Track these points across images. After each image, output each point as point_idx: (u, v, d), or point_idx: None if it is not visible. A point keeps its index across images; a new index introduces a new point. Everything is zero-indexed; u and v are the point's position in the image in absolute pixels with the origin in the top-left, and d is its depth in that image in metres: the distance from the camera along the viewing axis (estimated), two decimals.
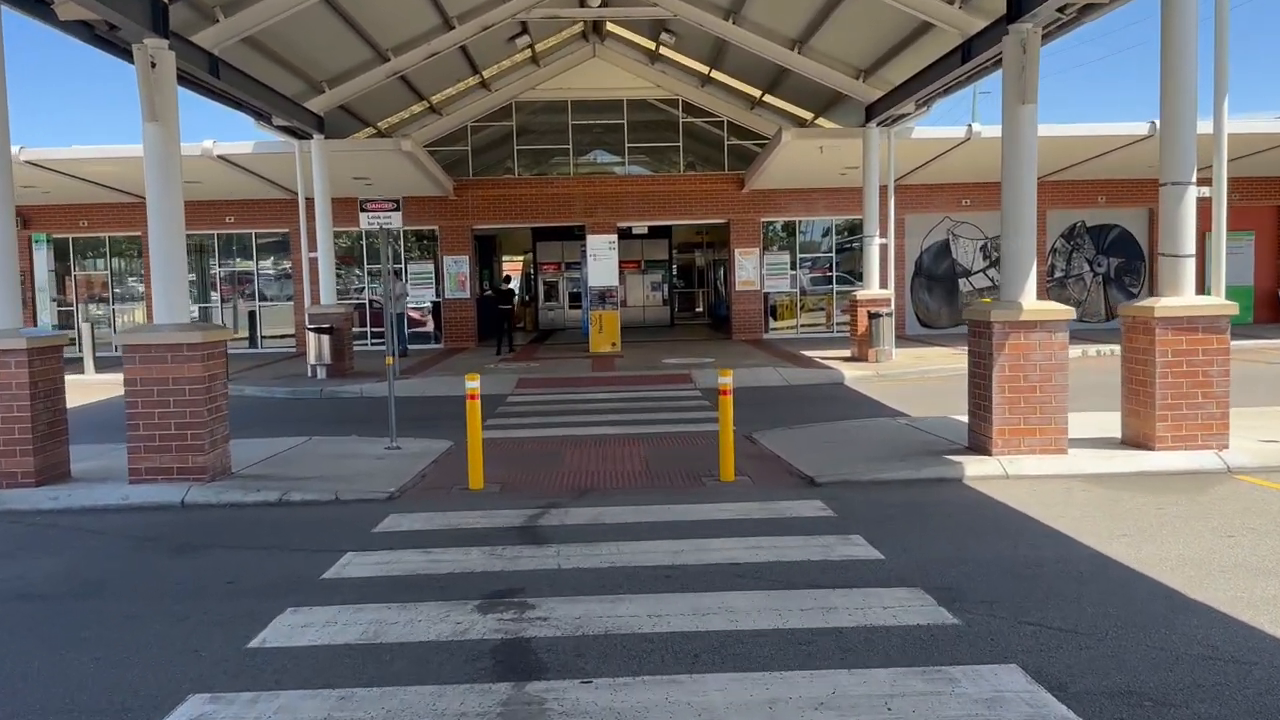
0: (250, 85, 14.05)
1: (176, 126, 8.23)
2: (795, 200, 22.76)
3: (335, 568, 5.69)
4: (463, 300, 22.68)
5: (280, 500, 7.61)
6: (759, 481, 7.95)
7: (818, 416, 11.58)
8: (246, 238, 22.78)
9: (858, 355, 17.28)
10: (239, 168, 18.56)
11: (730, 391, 7.97)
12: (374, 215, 9.85)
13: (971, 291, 23.24)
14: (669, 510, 6.93)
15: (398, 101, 20.35)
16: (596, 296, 20.32)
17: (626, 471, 8.54)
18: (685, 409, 12.68)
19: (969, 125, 18.12)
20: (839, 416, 11.52)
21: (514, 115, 22.94)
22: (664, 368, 17.00)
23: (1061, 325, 8.13)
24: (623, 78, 22.72)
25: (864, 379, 15.32)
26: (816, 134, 18.36)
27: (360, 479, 8.23)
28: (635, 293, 29.46)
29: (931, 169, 20.74)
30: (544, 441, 10.29)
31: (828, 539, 6.01)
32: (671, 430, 10.88)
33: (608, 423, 11.60)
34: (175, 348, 7.87)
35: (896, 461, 8.24)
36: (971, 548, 5.76)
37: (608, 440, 10.23)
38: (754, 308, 23.01)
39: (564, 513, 6.95)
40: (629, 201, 22.74)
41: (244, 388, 15.84)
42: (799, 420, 11.26)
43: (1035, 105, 8.29)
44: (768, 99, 21.65)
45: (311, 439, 10.49)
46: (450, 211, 22.54)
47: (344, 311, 17.14)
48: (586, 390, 14.86)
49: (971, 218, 23.06)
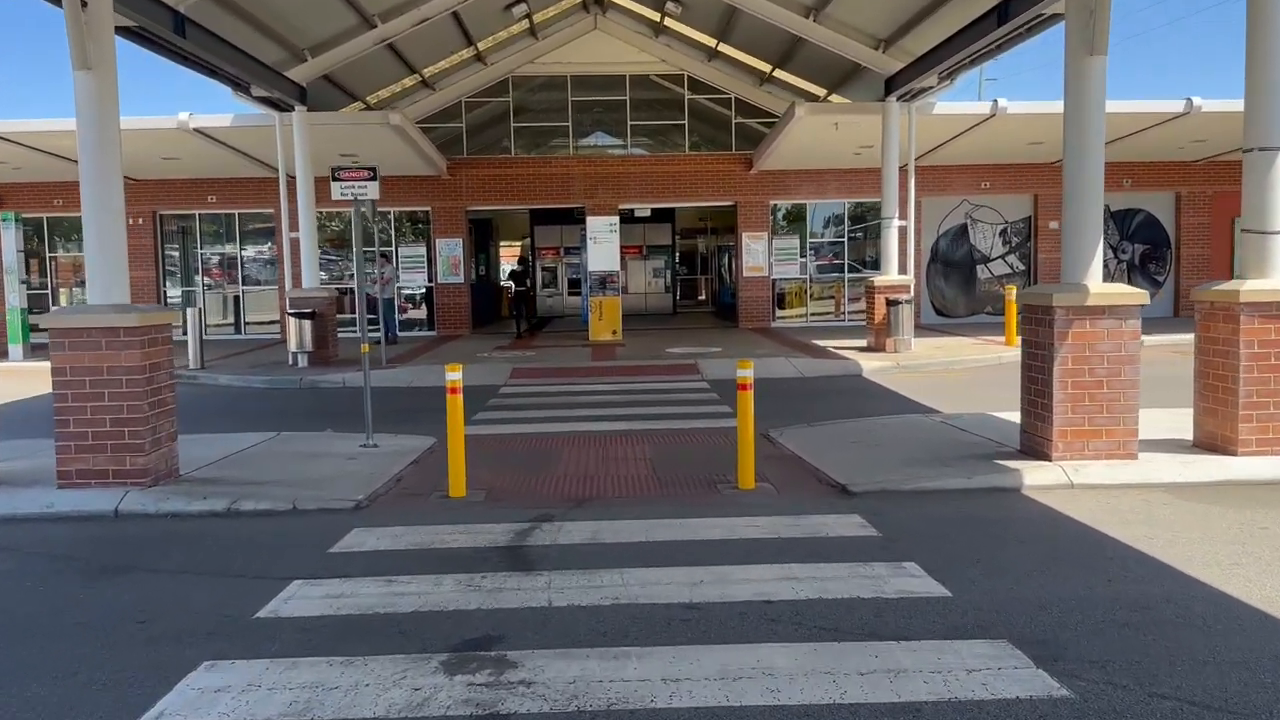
0: (224, 49, 12.94)
1: (113, 78, 7.15)
2: (806, 182, 21.65)
3: (275, 602, 4.64)
4: (456, 285, 21.58)
5: (229, 510, 6.55)
6: (784, 489, 6.90)
7: (838, 412, 10.53)
8: (229, 218, 21.67)
9: (875, 345, 16.21)
10: (217, 142, 17.44)
11: (750, 386, 6.90)
12: (347, 185, 8.78)
13: (990, 279, 22.15)
14: (682, 526, 5.88)
15: (387, 74, 19.22)
16: (597, 282, 19.25)
17: (630, 475, 7.49)
18: (692, 402, 11.63)
19: (994, 101, 17.00)
20: (862, 412, 10.47)
21: (511, 91, 21.79)
22: (668, 357, 15.94)
23: (1133, 311, 7.06)
24: (625, 51, 21.57)
25: (883, 370, 14.26)
26: (831, 109, 17.24)
27: (326, 484, 7.18)
28: (637, 279, 28.37)
29: (948, 149, 19.63)
30: (538, 439, 9.23)
31: (876, 567, 4.96)
32: (679, 426, 9.83)
33: (608, 417, 10.55)
34: (110, 332, 6.80)
35: (940, 467, 7.19)
36: (1055, 581, 4.71)
37: (608, 438, 9.17)
38: (762, 295, 21.92)
39: (558, 528, 5.90)
40: (631, 182, 21.62)
41: (219, 376, 14.78)
42: (818, 415, 10.20)
43: (1105, 57, 7.19)
44: (778, 74, 20.51)
45: (280, 435, 9.44)
46: (443, 192, 21.43)
47: (327, 296, 16.07)
48: (585, 381, 13.80)
49: (991, 201, 21.95)
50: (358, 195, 8.87)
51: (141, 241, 21.27)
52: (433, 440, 9.13)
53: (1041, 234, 21.90)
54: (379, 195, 8.90)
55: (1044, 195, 21.83)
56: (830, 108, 17.38)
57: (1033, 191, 21.89)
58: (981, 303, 22.17)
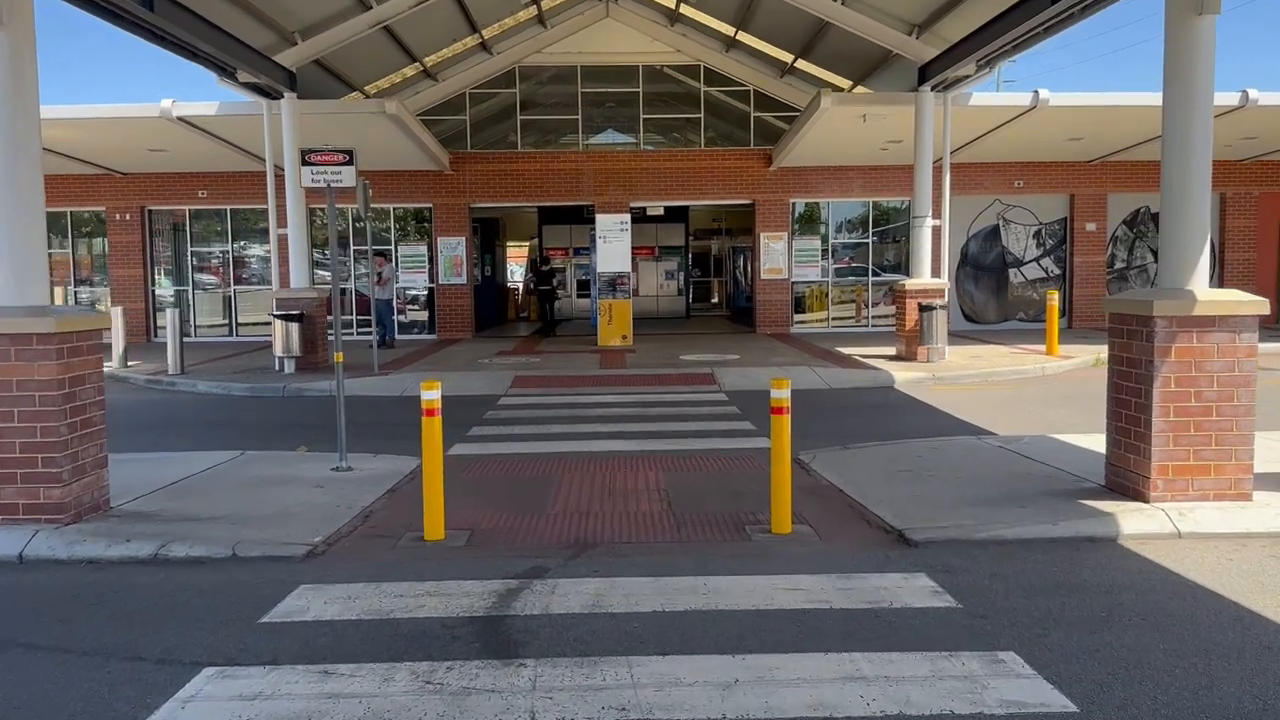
0: (201, 28, 11.86)
1: (31, 36, 6.01)
2: (828, 179, 20.44)
3: (168, 709, 3.49)
4: (459, 286, 20.45)
5: (155, 556, 5.41)
6: (826, 534, 5.72)
7: (874, 430, 9.35)
8: (222, 214, 20.60)
9: (905, 354, 15.01)
10: (204, 132, 16.36)
11: (786, 409, 5.72)
12: (319, 170, 7.65)
13: (1023, 283, 20.91)
14: (706, 588, 4.71)
15: (387, 63, 18.13)
16: (606, 284, 18.09)
17: (641, 512, 6.32)
18: (710, 417, 10.47)
19: (1035, 92, 15.78)
20: (900, 430, 9.29)
21: (517, 82, 20.66)
22: (682, 365, 14.77)
23: (1250, 323, 5.85)
24: (638, 41, 20.41)
25: (917, 382, 13.06)
26: (859, 100, 16.04)
27: (280, 521, 6.04)
28: (648, 281, 27.20)
29: (979, 146, 18.40)
30: (535, 461, 8.07)
31: (966, 661, 3.78)
32: (696, 447, 8.66)
33: (616, 434, 9.39)
34: (20, 339, 5.67)
35: (1014, 507, 6.00)
36: (1222, 690, 3.52)
37: (616, 460, 8.01)
38: (781, 298, 20.72)
39: (551, 588, 4.74)
40: (643, 179, 20.46)
41: (198, 383, 13.67)
42: (851, 434, 9.03)
43: (1216, 17, 5.99)
44: (800, 65, 19.33)
45: (244, 454, 8.30)
46: (446, 188, 20.32)
47: (317, 296, 14.96)
48: (592, 391, 12.65)
49: (1024, 200, 20.70)
50: (331, 182, 7.73)
51: (129, 238, 20.25)
52: (416, 462, 7.98)
53: (1078, 236, 20.64)
54: (355, 182, 7.78)
55: (1081, 195, 20.58)
56: (858, 98, 16.18)
57: (1069, 191, 20.64)
58: (1014, 308, 20.92)
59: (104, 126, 16.06)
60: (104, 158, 18.75)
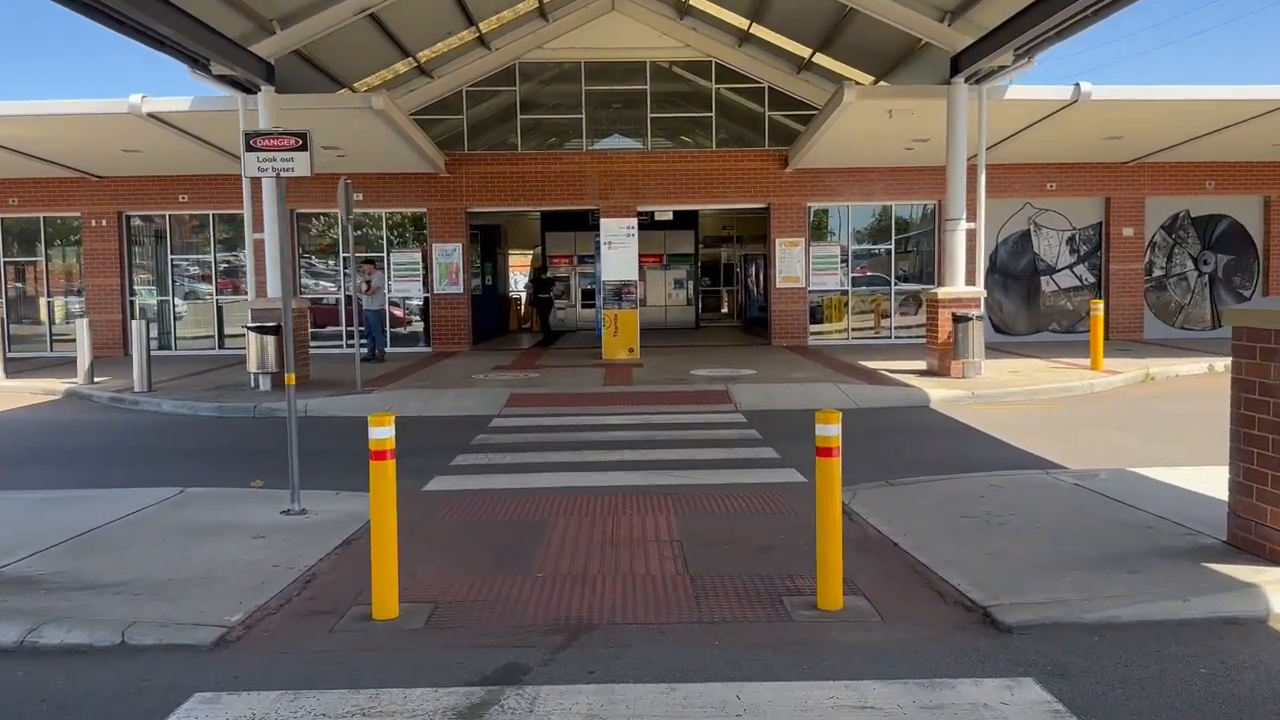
0: (168, 13, 10.75)
1: None
2: (848, 182, 19.21)
3: None
4: (454, 295, 19.25)
5: (21, 644, 4.18)
6: (889, 611, 4.46)
7: (917, 460, 8.11)
8: (204, 219, 19.45)
9: (938, 368, 13.74)
10: (177, 130, 15.20)
11: (836, 450, 4.48)
12: (266, 155, 6.45)
13: (1056, 291, 19.62)
14: (741, 703, 3.46)
15: (377, 57, 16.99)
16: (611, 293, 16.88)
17: (651, 575, 5.08)
18: (727, 442, 9.23)
19: (1075, 84, 14.54)
20: (946, 458, 8.06)
21: (517, 79, 19.49)
22: (694, 381, 13.53)
23: None
24: (646, 35, 19.23)
25: (955, 401, 11.80)
26: (886, 93, 14.81)
27: (197, 589, 4.81)
28: (656, 290, 25.96)
29: (1009, 146, 17.14)
30: (525, 500, 6.83)
31: None
32: (714, 481, 7.43)
33: (621, 464, 8.16)
34: None
35: (1121, 572, 4.74)
36: None
37: (620, 499, 6.77)
38: (798, 308, 19.46)
39: (529, 704, 3.50)
40: (651, 182, 19.25)
41: (162, 402, 12.48)
42: (891, 464, 7.79)
43: None
44: (818, 60, 18.13)
45: (185, 492, 7.09)
46: (441, 192, 19.14)
47: (297, 307, 13.78)
48: (596, 411, 11.42)
49: (1056, 204, 19.44)
50: (281, 171, 6.52)
51: (105, 245, 19.11)
52: None
53: (1114, 242, 19.36)
54: (308, 170, 6.57)
55: (1117, 199, 19.32)
56: (885, 91, 14.95)
57: (1104, 194, 19.37)
58: (1046, 319, 19.63)
59: (67, 125, 14.91)
60: (76, 159, 17.62)
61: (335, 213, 19.24)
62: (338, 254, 19.45)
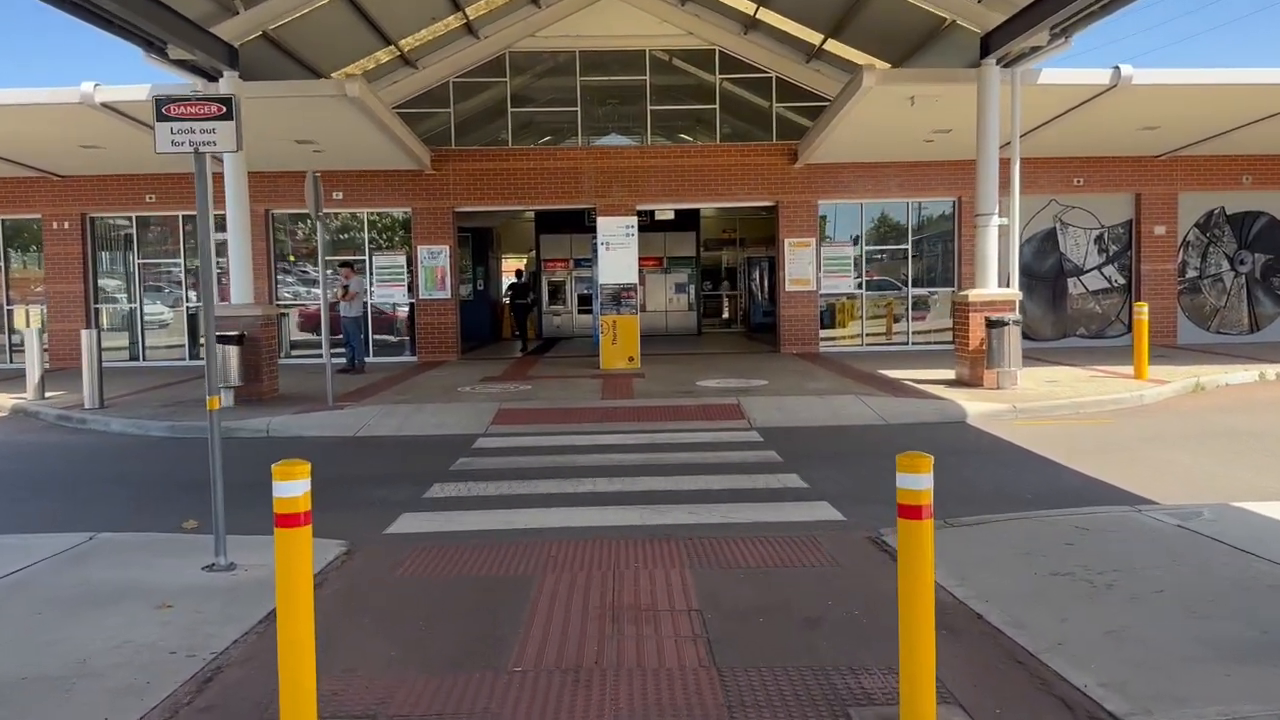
0: None
1: None
2: (862, 178, 17.98)
3: None
4: (441, 301, 17.99)
5: None
6: None
7: (970, 488, 6.90)
8: (174, 221, 18.20)
9: (969, 378, 12.51)
10: (135, 122, 13.94)
11: (928, 510, 3.25)
12: (181, 127, 5.24)
13: (1083, 294, 18.40)
14: None
15: (355, 45, 15.74)
16: (609, 297, 15.64)
17: (667, 669, 3.82)
18: (744, 467, 7.99)
19: (1115, 68, 13.33)
20: (1010, 490, 6.85)
21: (508, 70, 18.26)
22: (700, 393, 12.29)
23: None
24: (645, 22, 18.01)
25: (996, 417, 10.56)
26: (909, 78, 13.55)
27: (56, 694, 3.56)
28: (656, 295, 24.71)
29: (1035, 139, 15.88)
30: (507, 549, 5.58)
31: None
32: (733, 519, 6.21)
33: (622, 497, 6.93)
34: None
35: None
36: None
37: (622, 548, 5.52)
38: (807, 313, 18.21)
39: None
40: (651, 179, 18.02)
41: (111, 421, 11.22)
42: (943, 495, 6.54)
43: None
44: (830, 47, 16.92)
45: (95, 539, 5.83)
46: (427, 190, 17.90)
47: (262, 314, 12.54)
48: (593, 429, 10.17)
49: (1084, 201, 18.22)
50: (200, 146, 5.30)
51: (67, 249, 17.85)
52: (339, 549, 5.54)
53: (1145, 241, 18.15)
54: (235, 144, 5.35)
55: (1148, 195, 18.10)
56: (908, 75, 13.70)
57: (1134, 190, 18.16)
58: (1073, 323, 18.41)
59: (19, 117, 13.65)
60: (34, 157, 16.38)
61: (297, 212, 18.00)
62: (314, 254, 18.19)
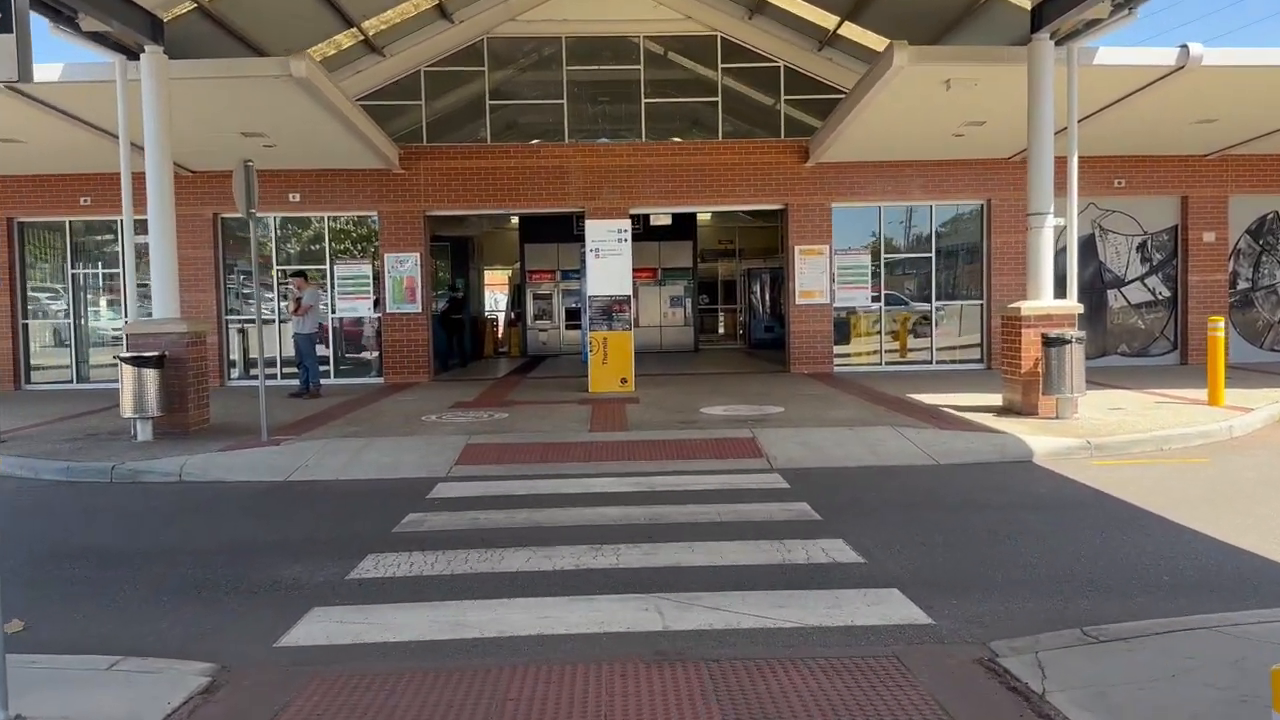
0: None
1: None
2: (880, 178, 16.20)
3: None
4: (411, 315, 16.10)
5: None
6: None
7: (1084, 566, 5.03)
8: (113, 225, 16.28)
9: (1021, 405, 10.69)
10: (48, 107, 12.05)
11: None
12: None
13: (1125, 307, 16.62)
14: None
15: (311, 27, 13.93)
16: (599, 311, 13.79)
17: None
18: (772, 529, 6.11)
19: (1183, 46, 11.57)
20: (1135, 565, 5.01)
21: (486, 58, 16.46)
22: (706, 423, 10.42)
23: None
24: (639, 6, 16.25)
25: (1066, 456, 8.71)
26: (947, 56, 11.73)
27: None
28: (650, 309, 22.87)
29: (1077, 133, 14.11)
30: (445, 686, 3.65)
31: None
32: (770, 623, 4.33)
33: (613, 578, 5.04)
34: None
35: None
36: None
37: (616, 674, 3.61)
38: (820, 328, 16.38)
39: None
40: (645, 179, 16.20)
41: (2, 458, 9.28)
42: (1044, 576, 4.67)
43: None
44: (845, 32, 15.19)
45: None
46: (395, 191, 16.04)
47: (187, 330, 10.63)
48: (577, 471, 8.28)
49: (1126, 204, 16.48)
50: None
51: None
52: (197, 681, 3.64)
53: (1193, 249, 16.40)
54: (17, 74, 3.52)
55: (1196, 198, 16.36)
56: (946, 54, 11.86)
57: (1180, 192, 16.42)
58: (1114, 339, 16.62)
59: None
60: None
61: (274, 217, 16.13)
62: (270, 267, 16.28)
